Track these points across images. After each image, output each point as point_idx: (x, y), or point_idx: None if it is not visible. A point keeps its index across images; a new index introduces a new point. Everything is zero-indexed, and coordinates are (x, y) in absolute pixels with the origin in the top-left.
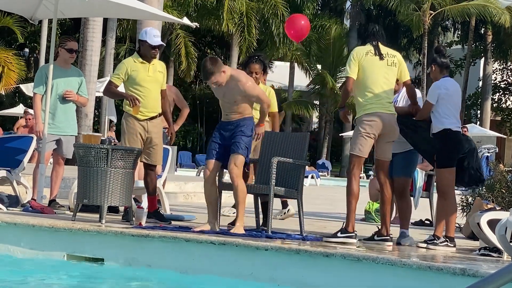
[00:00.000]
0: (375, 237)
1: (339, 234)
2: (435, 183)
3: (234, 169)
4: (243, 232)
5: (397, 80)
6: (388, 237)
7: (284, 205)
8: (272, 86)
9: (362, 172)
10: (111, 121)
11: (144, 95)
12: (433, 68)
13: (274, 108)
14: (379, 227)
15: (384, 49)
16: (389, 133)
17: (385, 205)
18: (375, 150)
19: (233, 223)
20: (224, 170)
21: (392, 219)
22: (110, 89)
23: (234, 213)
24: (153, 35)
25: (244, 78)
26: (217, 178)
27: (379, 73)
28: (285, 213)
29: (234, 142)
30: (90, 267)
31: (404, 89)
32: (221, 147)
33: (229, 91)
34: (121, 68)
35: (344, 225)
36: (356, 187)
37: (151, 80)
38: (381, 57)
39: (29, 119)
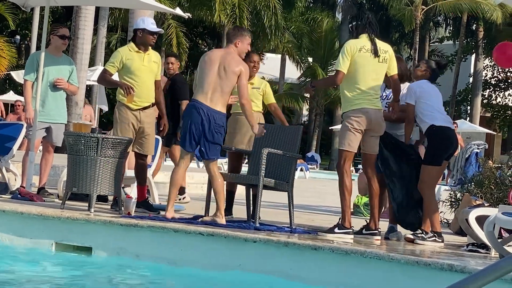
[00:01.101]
0: (363, 231)
1: (336, 230)
2: None
3: (212, 166)
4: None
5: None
6: (377, 231)
7: (181, 191)
8: (263, 78)
9: (352, 166)
10: (101, 110)
11: (138, 84)
12: (426, 72)
13: (272, 99)
14: (367, 220)
15: (378, 43)
16: (376, 128)
17: (373, 199)
18: (362, 144)
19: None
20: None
21: (381, 213)
22: (105, 77)
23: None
24: (150, 23)
25: (244, 66)
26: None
27: (370, 70)
28: (180, 199)
29: (206, 144)
30: (78, 255)
31: (402, 88)
32: (194, 142)
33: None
34: (116, 56)
35: (340, 221)
36: (348, 182)
37: (146, 69)
38: (376, 54)
39: (18, 106)
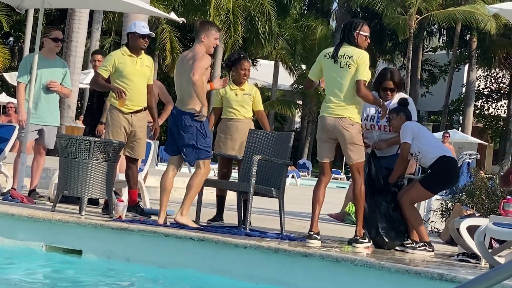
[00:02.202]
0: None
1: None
2: None
3: (202, 169)
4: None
5: (390, 89)
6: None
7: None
8: (256, 85)
9: (343, 174)
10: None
11: (130, 88)
12: (400, 117)
13: (260, 106)
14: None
15: (343, 49)
16: (339, 137)
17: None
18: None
19: (212, 220)
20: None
21: None
22: (97, 81)
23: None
24: (142, 26)
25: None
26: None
27: (331, 76)
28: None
29: (186, 149)
30: (68, 258)
31: (396, 98)
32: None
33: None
34: (108, 60)
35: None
36: (319, 192)
37: (138, 73)
38: (335, 60)
39: (10, 107)
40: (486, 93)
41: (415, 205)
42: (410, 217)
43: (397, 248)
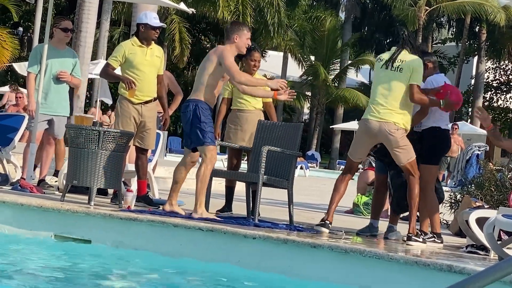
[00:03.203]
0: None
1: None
2: None
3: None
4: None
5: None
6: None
7: None
8: (265, 76)
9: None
10: (102, 103)
11: (140, 78)
12: (428, 65)
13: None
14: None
15: (402, 56)
16: (383, 140)
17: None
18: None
19: (221, 210)
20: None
21: (381, 213)
22: (107, 71)
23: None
24: (153, 17)
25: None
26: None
27: (379, 79)
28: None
29: (191, 136)
30: (77, 248)
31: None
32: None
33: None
34: (119, 50)
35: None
36: (341, 184)
37: (148, 64)
38: (387, 64)
39: (20, 97)
40: (495, 85)
41: None
42: (428, 203)
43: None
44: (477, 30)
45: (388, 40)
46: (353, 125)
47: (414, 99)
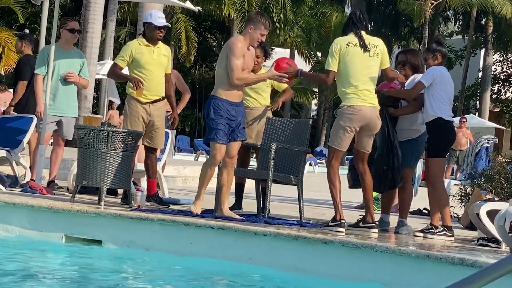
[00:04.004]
0: (360, 224)
1: (330, 224)
2: None
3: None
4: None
5: (401, 72)
6: (374, 224)
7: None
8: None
9: None
10: (111, 103)
11: (147, 78)
12: (438, 57)
13: (284, 85)
14: (363, 214)
15: (367, 38)
16: (370, 126)
17: (367, 192)
18: (356, 140)
19: (231, 208)
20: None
21: (391, 207)
22: (115, 71)
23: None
24: (158, 17)
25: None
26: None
27: (360, 64)
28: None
29: (242, 128)
30: (88, 248)
31: (410, 79)
32: (229, 130)
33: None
34: (126, 50)
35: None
36: (335, 179)
37: (155, 63)
38: (365, 48)
39: None
40: (502, 77)
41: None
42: (438, 197)
43: (417, 233)
44: (483, 23)
45: (394, 34)
46: None
47: (390, 78)
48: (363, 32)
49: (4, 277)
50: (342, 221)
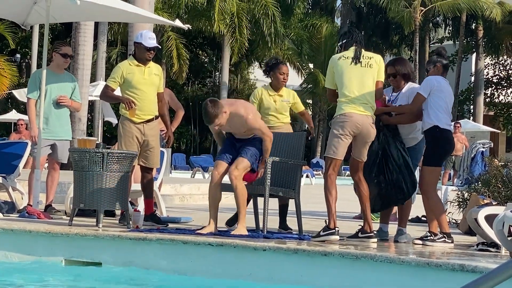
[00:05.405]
0: (359, 234)
1: (321, 233)
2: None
3: (235, 171)
4: (246, 233)
5: (392, 75)
6: (372, 234)
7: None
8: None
9: None
10: (105, 124)
11: (140, 98)
12: (439, 67)
13: (302, 107)
14: (362, 224)
15: (365, 53)
16: (363, 133)
17: (364, 202)
18: (352, 149)
19: (230, 224)
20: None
21: (390, 215)
22: (107, 93)
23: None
24: (148, 37)
25: (244, 112)
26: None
27: (351, 75)
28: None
29: (245, 148)
30: (88, 271)
31: (406, 88)
32: (233, 151)
33: (233, 127)
34: (116, 71)
35: (326, 223)
36: (332, 188)
37: (147, 82)
38: (356, 61)
39: (21, 124)
40: (495, 81)
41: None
42: (432, 205)
43: (416, 241)
44: (473, 27)
45: (385, 42)
46: None
47: (379, 94)
48: (361, 49)
49: None
50: (336, 228)
